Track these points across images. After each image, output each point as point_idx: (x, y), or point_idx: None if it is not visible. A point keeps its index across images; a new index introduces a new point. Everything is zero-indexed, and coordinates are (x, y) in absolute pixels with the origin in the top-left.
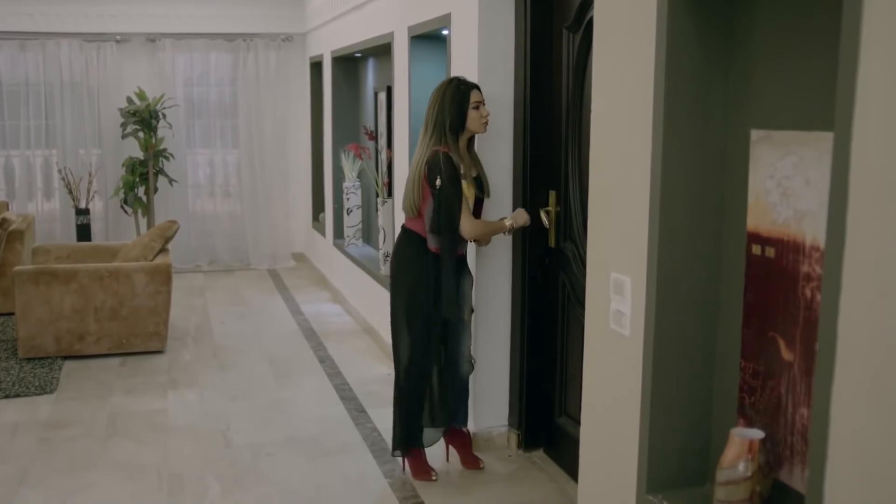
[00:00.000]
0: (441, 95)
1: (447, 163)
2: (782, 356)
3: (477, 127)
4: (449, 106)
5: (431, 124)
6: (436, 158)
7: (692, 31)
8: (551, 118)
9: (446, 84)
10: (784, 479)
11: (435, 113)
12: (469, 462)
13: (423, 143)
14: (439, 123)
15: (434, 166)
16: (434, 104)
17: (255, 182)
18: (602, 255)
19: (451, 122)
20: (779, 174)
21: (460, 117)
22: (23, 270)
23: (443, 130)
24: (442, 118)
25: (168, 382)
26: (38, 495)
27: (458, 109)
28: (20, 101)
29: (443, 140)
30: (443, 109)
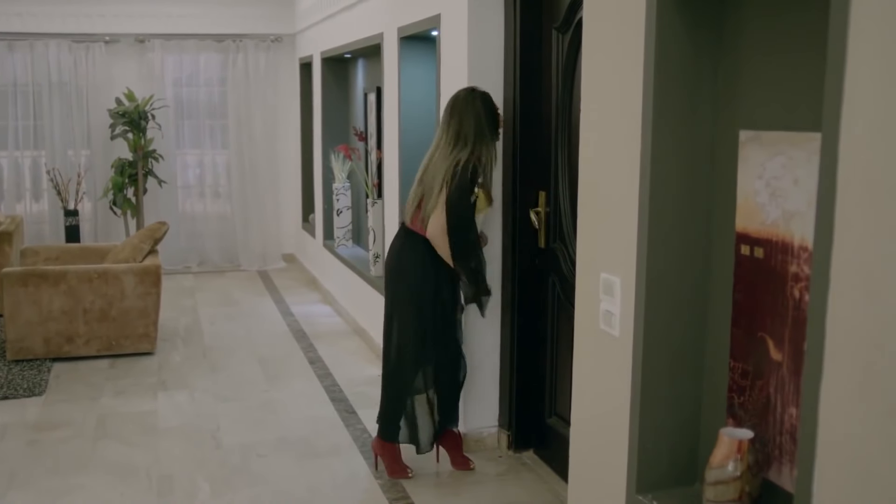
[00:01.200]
0: (472, 104)
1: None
2: (771, 356)
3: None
4: (485, 115)
5: (470, 133)
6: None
7: (681, 32)
8: (541, 118)
9: (471, 95)
10: (773, 479)
11: (473, 124)
12: (459, 463)
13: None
14: (478, 135)
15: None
16: (465, 115)
17: (245, 183)
18: (592, 255)
19: (489, 129)
20: (767, 174)
21: (494, 124)
22: (11, 272)
23: (479, 138)
24: (480, 127)
25: (158, 384)
26: (27, 497)
27: (493, 117)
28: (8, 101)
29: (478, 149)
30: (479, 118)
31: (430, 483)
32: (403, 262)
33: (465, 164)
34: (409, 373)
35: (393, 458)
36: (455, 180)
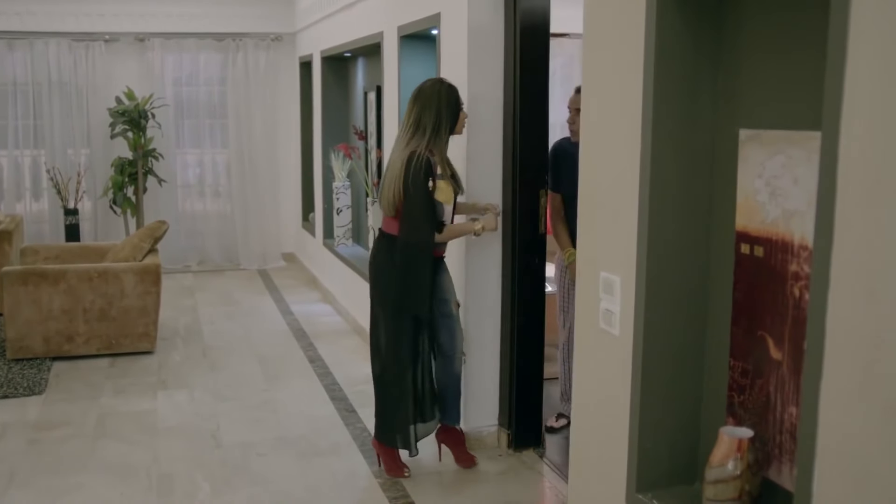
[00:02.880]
0: (436, 97)
1: (423, 167)
2: (771, 355)
3: (461, 129)
4: (446, 107)
5: (428, 124)
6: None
7: (681, 31)
8: (541, 117)
9: (437, 85)
10: (773, 478)
11: (432, 114)
12: (463, 460)
13: (407, 142)
14: (433, 124)
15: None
16: (427, 105)
17: (245, 182)
18: (592, 254)
19: (449, 124)
20: (767, 173)
21: (454, 119)
22: (11, 271)
23: (436, 131)
24: (438, 119)
25: (158, 383)
26: (27, 496)
27: (454, 111)
28: (8, 100)
29: (432, 141)
30: (440, 111)
31: (431, 482)
32: (376, 264)
33: (419, 157)
34: (397, 375)
35: (391, 457)
36: (408, 175)
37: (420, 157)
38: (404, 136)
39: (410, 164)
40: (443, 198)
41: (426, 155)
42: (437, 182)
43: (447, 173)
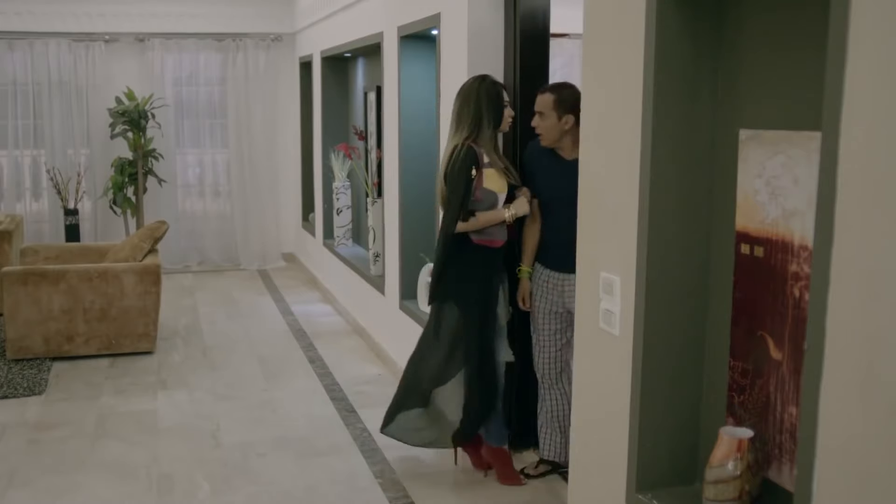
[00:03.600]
0: (477, 91)
1: (465, 156)
2: (771, 355)
3: (505, 126)
4: (487, 102)
5: (468, 120)
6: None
7: (681, 32)
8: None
9: (479, 82)
10: (773, 478)
11: (471, 109)
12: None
13: (450, 139)
14: (473, 119)
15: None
16: (467, 101)
17: (245, 182)
18: (591, 255)
19: (491, 120)
20: (767, 173)
21: (499, 115)
22: (11, 271)
23: (477, 126)
24: (479, 114)
25: (157, 383)
26: (27, 496)
27: (496, 106)
28: (8, 100)
29: (474, 135)
30: (480, 105)
31: (430, 482)
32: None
33: (458, 150)
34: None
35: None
36: (449, 167)
37: (461, 148)
38: (449, 133)
39: (452, 156)
40: (494, 186)
41: (469, 145)
42: (483, 170)
43: (498, 163)
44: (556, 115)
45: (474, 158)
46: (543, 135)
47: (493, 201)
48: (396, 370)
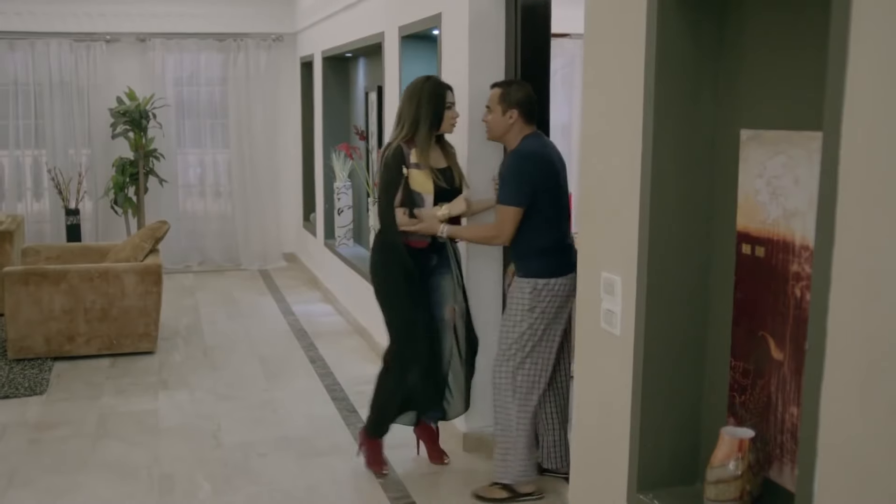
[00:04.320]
0: (419, 93)
1: (393, 154)
2: (772, 355)
3: (447, 127)
4: (427, 105)
5: (407, 118)
6: (387, 151)
7: (682, 32)
8: (542, 119)
9: (423, 82)
10: (774, 478)
11: (412, 110)
12: (435, 456)
13: (392, 136)
14: (415, 120)
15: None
16: (409, 100)
17: (246, 182)
18: (592, 254)
19: (428, 120)
20: (768, 173)
21: (437, 116)
22: (12, 271)
23: (414, 125)
24: (418, 115)
25: (158, 383)
26: (28, 496)
27: (437, 109)
28: (9, 100)
29: (410, 134)
30: (419, 107)
31: (432, 482)
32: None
33: (390, 147)
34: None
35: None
36: (381, 164)
37: (392, 147)
38: (394, 130)
39: (383, 156)
40: (419, 187)
41: (399, 144)
42: (410, 171)
43: (428, 165)
44: (500, 109)
45: (402, 158)
46: (489, 129)
47: (419, 203)
48: None
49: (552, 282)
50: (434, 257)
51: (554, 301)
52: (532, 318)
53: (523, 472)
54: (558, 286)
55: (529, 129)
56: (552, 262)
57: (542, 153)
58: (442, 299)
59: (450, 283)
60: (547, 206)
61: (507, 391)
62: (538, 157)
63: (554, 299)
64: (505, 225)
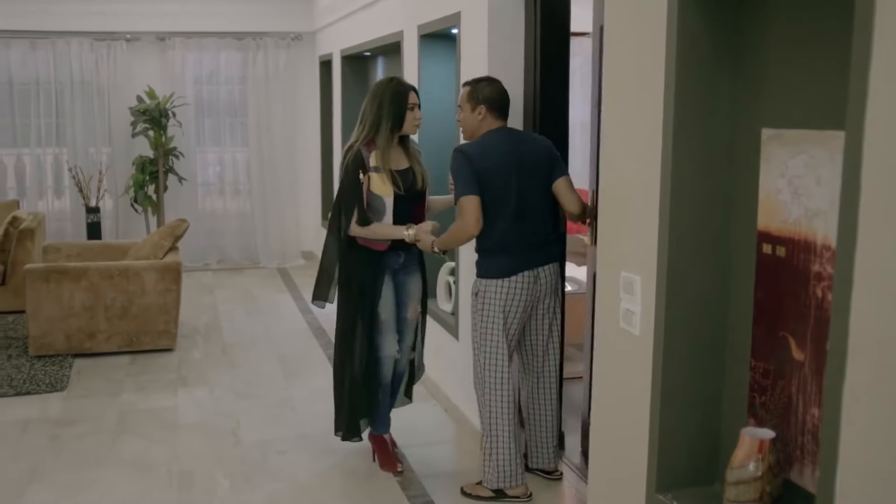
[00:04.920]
0: (381, 94)
1: (352, 160)
2: (793, 355)
3: (410, 128)
4: (389, 105)
5: (368, 119)
6: (347, 155)
7: (702, 31)
8: (561, 116)
9: (386, 83)
10: (795, 479)
11: (374, 110)
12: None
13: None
14: (376, 121)
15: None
16: (372, 102)
17: (265, 180)
18: (612, 254)
19: (390, 121)
20: (790, 173)
21: (399, 117)
22: (33, 268)
23: (375, 126)
24: (379, 116)
25: (178, 380)
26: (48, 491)
27: (398, 110)
28: (31, 99)
29: (372, 135)
30: (381, 108)
31: (449, 481)
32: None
33: (350, 150)
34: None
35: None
36: (341, 166)
37: (352, 150)
38: (356, 130)
39: (344, 157)
40: (379, 191)
41: (359, 148)
42: (369, 175)
43: (388, 168)
44: (469, 106)
45: (361, 163)
46: (462, 128)
47: (379, 206)
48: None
49: (488, 283)
50: (401, 255)
51: (494, 303)
52: (477, 319)
53: (507, 475)
54: (495, 288)
55: (497, 124)
56: (490, 263)
57: (473, 151)
58: (407, 299)
59: (417, 284)
60: (488, 205)
61: (481, 394)
62: (466, 154)
63: (494, 301)
64: (465, 215)
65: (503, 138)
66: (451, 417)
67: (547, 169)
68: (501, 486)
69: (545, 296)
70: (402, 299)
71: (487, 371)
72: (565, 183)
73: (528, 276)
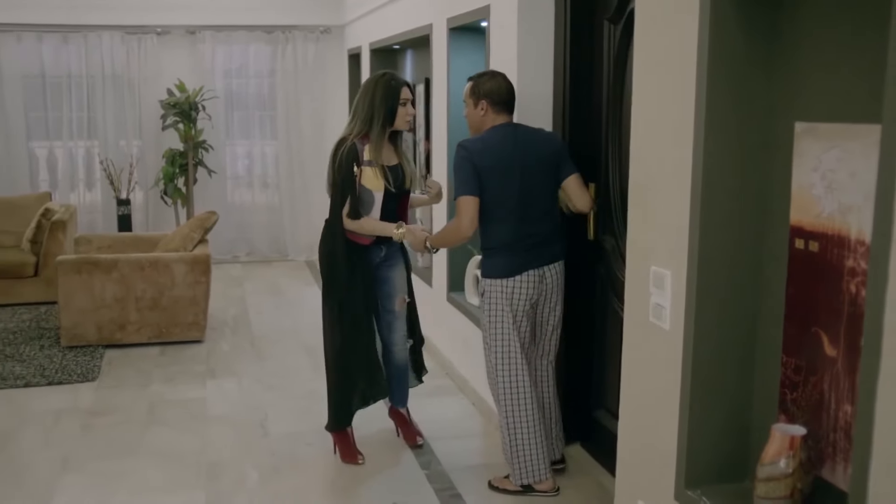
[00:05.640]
0: (373, 89)
1: (347, 152)
2: (825, 352)
3: (402, 124)
4: (380, 100)
5: (360, 114)
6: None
7: (735, 22)
8: (591, 110)
9: (378, 78)
10: (826, 477)
11: (365, 105)
12: (409, 437)
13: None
14: (368, 116)
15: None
16: (364, 96)
17: (293, 173)
18: (642, 248)
19: (382, 117)
20: (823, 167)
21: (390, 113)
22: (65, 260)
23: (367, 121)
24: (371, 111)
25: (206, 372)
26: (80, 480)
27: (389, 105)
28: (63, 92)
29: (365, 129)
30: (373, 103)
31: (476, 474)
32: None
33: (344, 143)
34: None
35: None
36: (334, 159)
37: (345, 144)
38: (347, 124)
39: (337, 150)
40: (370, 185)
41: (353, 141)
42: (362, 168)
43: (380, 163)
44: (472, 102)
45: (355, 156)
46: (469, 124)
47: (369, 200)
48: (442, 360)
49: (494, 282)
50: (382, 249)
51: (502, 302)
52: (487, 319)
53: (534, 470)
54: (501, 287)
55: (500, 119)
56: (494, 262)
57: (475, 147)
58: (392, 291)
59: (401, 275)
60: (490, 203)
61: (498, 394)
62: (468, 150)
63: (501, 300)
64: (460, 216)
65: (507, 134)
66: (479, 411)
67: (553, 167)
68: (528, 481)
69: (551, 294)
70: (387, 291)
71: (502, 370)
72: (576, 180)
73: (533, 275)
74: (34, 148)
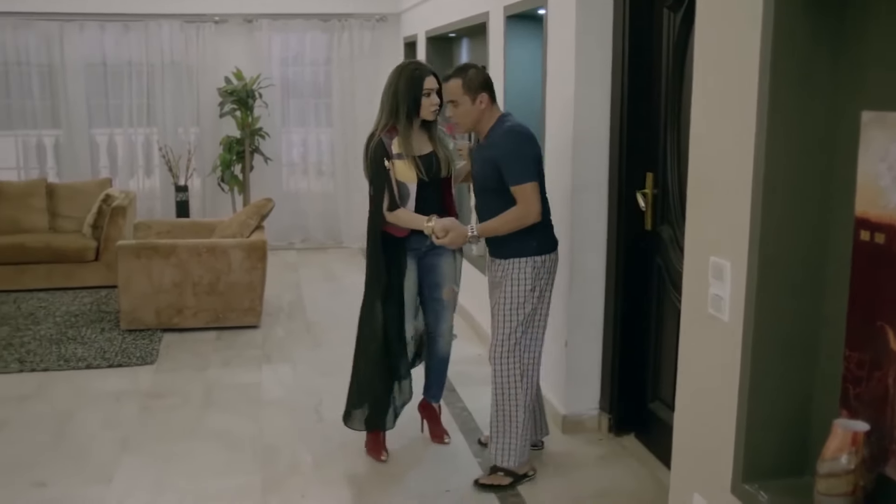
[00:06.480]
0: (396, 80)
1: (375, 148)
2: (891, 346)
3: (427, 114)
4: (404, 91)
5: (386, 107)
6: (369, 143)
7: (800, 8)
8: (650, 98)
9: (402, 68)
10: (890, 474)
11: (389, 96)
12: (436, 435)
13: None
14: (393, 108)
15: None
16: (387, 88)
17: (348, 161)
18: (701, 238)
19: (406, 108)
20: (891, 157)
21: (415, 103)
22: (125, 245)
23: (393, 113)
24: (396, 102)
25: (262, 357)
26: (139, 461)
27: (413, 95)
28: (123, 80)
29: (391, 122)
30: (397, 94)
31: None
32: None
33: (371, 139)
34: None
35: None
36: (365, 155)
37: (373, 139)
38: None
39: (367, 146)
40: (404, 177)
41: (380, 136)
42: (393, 162)
43: (409, 154)
44: (468, 98)
45: (384, 150)
46: (459, 122)
47: (405, 192)
48: None
49: (548, 258)
50: (428, 238)
51: (549, 277)
52: (534, 297)
53: (523, 454)
54: (549, 262)
55: (496, 109)
56: (544, 238)
57: (532, 133)
58: (440, 280)
59: (450, 264)
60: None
61: (513, 375)
62: (531, 135)
63: (549, 275)
64: (530, 201)
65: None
66: None
67: None
68: (514, 466)
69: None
70: (435, 280)
71: (534, 347)
72: None
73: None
74: (95, 135)
